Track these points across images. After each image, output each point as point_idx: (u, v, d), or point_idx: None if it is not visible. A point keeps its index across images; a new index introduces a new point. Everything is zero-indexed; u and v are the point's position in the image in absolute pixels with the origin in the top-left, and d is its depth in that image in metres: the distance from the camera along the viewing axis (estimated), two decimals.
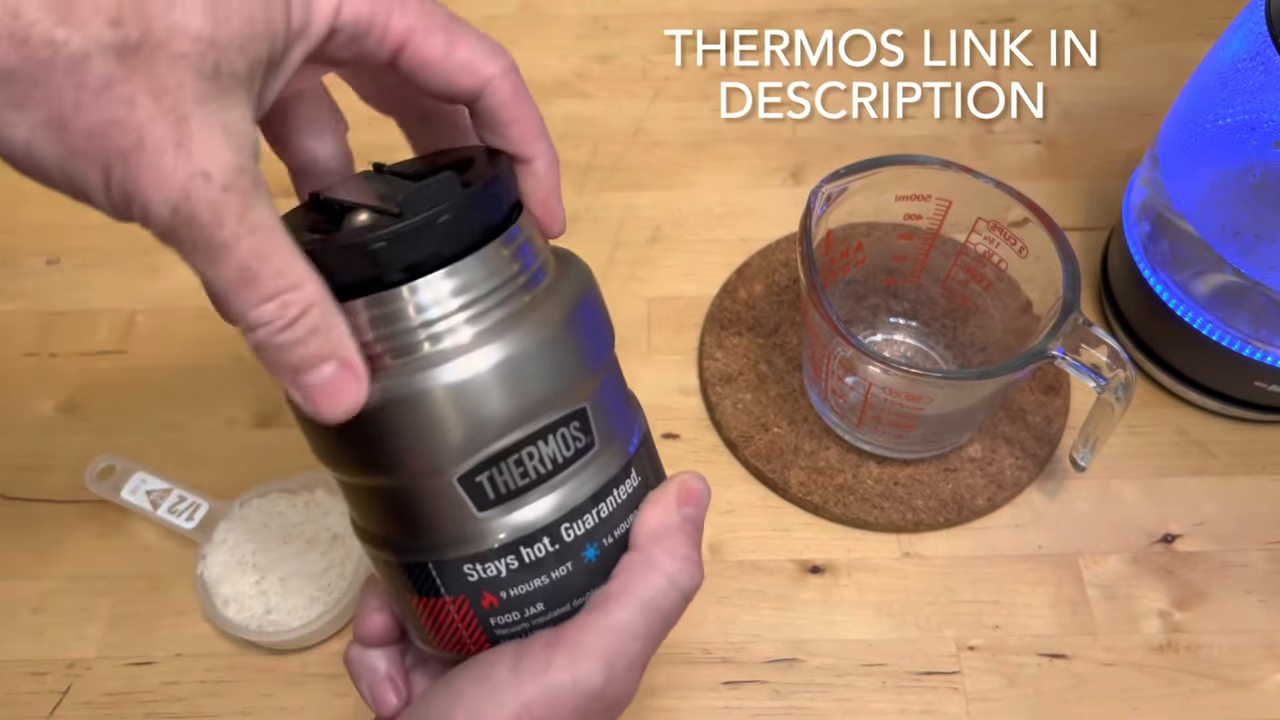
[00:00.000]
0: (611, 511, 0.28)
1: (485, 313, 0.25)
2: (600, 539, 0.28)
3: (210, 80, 0.22)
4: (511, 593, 0.27)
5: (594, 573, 0.28)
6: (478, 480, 0.26)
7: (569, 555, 0.27)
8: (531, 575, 0.27)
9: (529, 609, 0.27)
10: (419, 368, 0.25)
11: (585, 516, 0.27)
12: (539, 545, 0.27)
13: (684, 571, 0.28)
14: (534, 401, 0.26)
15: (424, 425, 0.25)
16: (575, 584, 0.27)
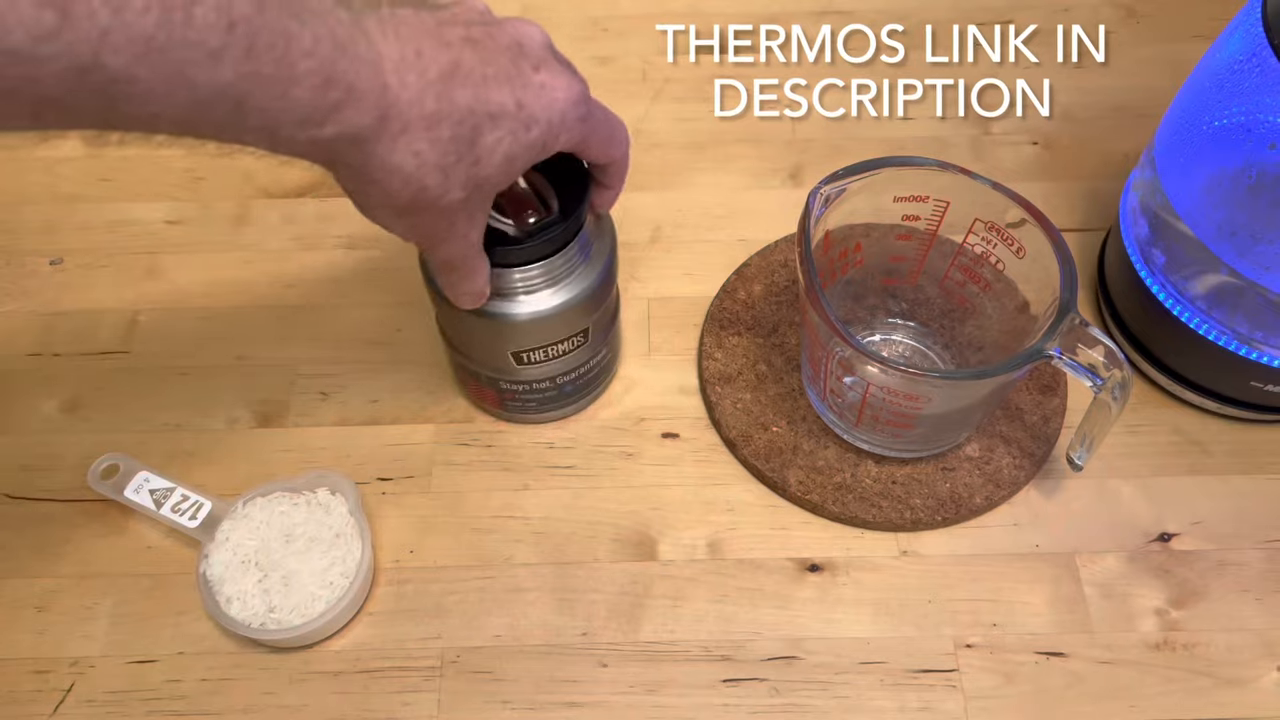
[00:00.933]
0: (586, 367, 0.50)
1: (554, 278, 0.44)
2: (574, 378, 0.50)
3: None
4: (518, 394, 0.49)
5: (568, 394, 0.50)
6: (520, 354, 0.46)
7: (554, 388, 0.49)
8: (533, 393, 0.49)
9: (528, 400, 0.50)
10: (507, 303, 0.44)
11: (571, 372, 0.49)
12: (543, 383, 0.49)
13: None
14: (560, 328, 0.45)
15: (503, 327, 0.45)
16: (553, 397, 0.50)
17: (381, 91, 0.32)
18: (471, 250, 0.39)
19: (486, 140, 0.34)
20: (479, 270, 0.41)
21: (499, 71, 0.34)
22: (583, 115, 0.37)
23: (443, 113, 0.33)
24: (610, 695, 0.45)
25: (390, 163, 0.33)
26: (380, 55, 0.32)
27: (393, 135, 0.32)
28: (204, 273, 0.57)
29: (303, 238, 0.59)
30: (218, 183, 0.61)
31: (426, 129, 0.33)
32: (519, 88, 0.35)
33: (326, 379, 0.54)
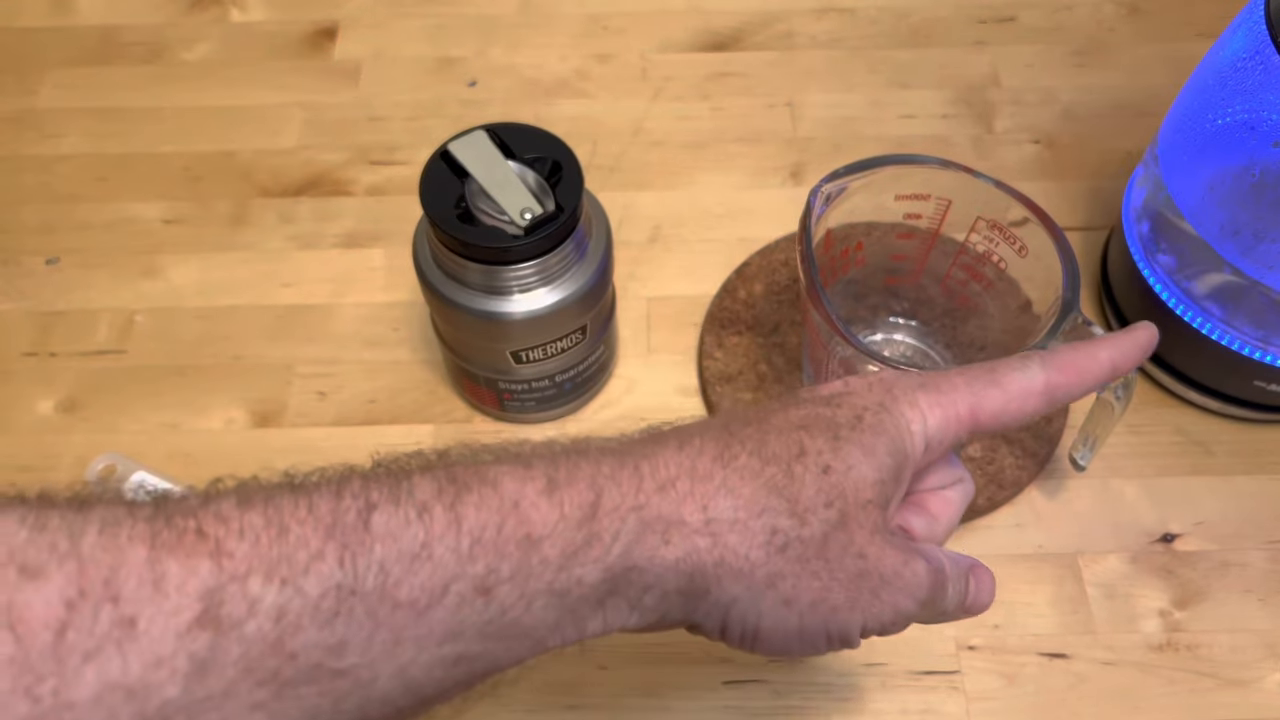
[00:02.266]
0: (585, 365, 0.50)
1: (549, 276, 0.44)
2: (573, 376, 0.50)
3: (882, 509, 0.28)
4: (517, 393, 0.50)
5: (567, 393, 0.50)
6: (518, 353, 0.46)
7: (553, 386, 0.49)
8: (532, 392, 0.49)
9: (527, 400, 0.50)
10: (504, 301, 0.44)
11: (570, 370, 0.49)
12: (542, 381, 0.49)
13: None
14: (558, 325, 0.45)
15: (500, 326, 0.44)
16: (553, 396, 0.50)
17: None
18: (928, 576, 0.29)
19: (816, 441, 0.28)
20: (943, 571, 0.31)
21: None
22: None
23: (731, 444, 0.27)
24: (610, 697, 0.44)
25: (713, 524, 0.26)
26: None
27: (686, 495, 0.26)
28: (202, 272, 0.57)
29: (301, 237, 0.58)
30: (215, 182, 0.61)
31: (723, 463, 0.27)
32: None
33: (324, 379, 0.53)
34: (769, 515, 0.26)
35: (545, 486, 0.25)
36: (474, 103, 0.64)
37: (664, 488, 0.26)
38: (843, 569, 0.27)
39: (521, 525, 0.24)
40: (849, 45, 0.67)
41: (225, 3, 0.69)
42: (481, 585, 0.23)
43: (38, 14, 0.68)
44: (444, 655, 0.23)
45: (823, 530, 0.27)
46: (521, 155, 0.43)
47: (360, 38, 0.67)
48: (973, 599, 0.32)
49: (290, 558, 0.22)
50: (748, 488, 0.26)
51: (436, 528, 0.23)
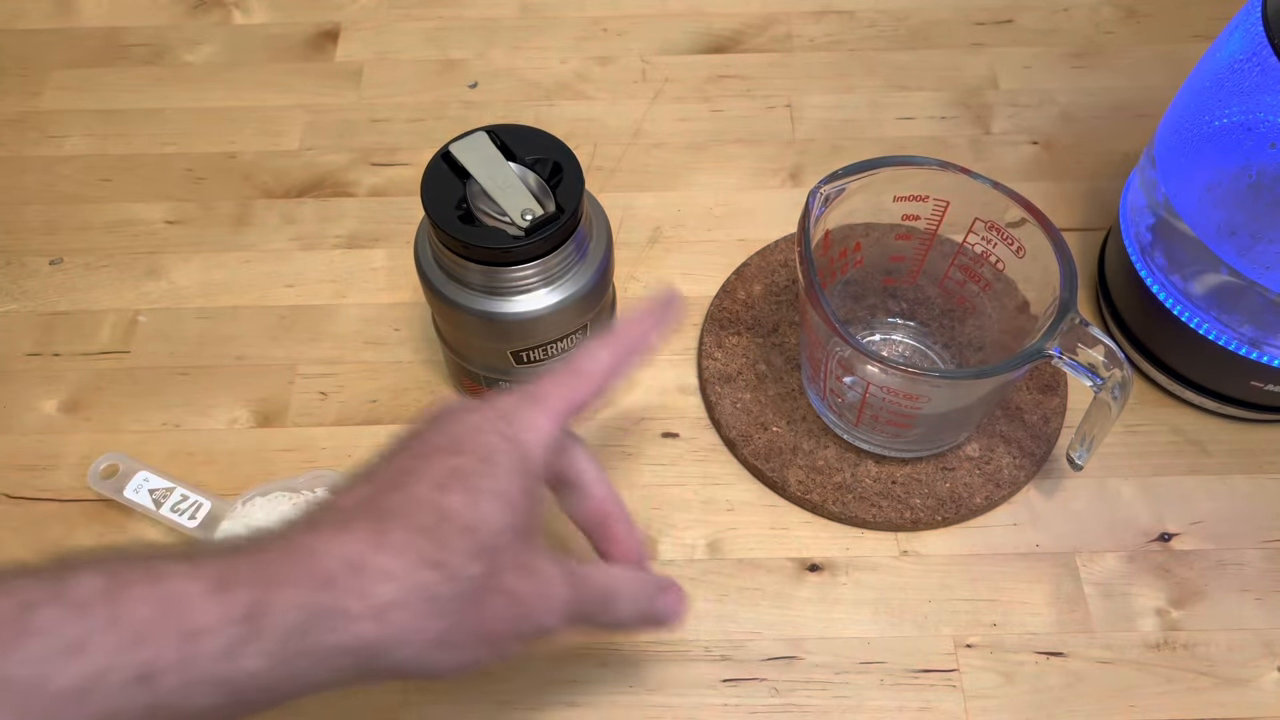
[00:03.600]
0: None
1: (550, 277, 0.44)
2: None
3: (525, 539, 0.33)
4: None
5: None
6: (519, 353, 0.46)
7: None
8: None
9: None
10: (505, 302, 0.44)
11: None
12: None
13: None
14: (560, 325, 0.45)
15: (502, 327, 0.44)
16: None
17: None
18: (566, 591, 0.34)
19: (455, 501, 0.31)
20: (605, 590, 0.36)
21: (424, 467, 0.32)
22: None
23: (382, 521, 0.30)
24: (610, 695, 0.45)
25: (376, 610, 0.29)
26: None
27: (347, 586, 0.29)
28: (204, 273, 0.57)
29: (302, 238, 0.59)
30: (218, 183, 0.61)
31: (379, 546, 0.30)
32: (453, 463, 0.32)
33: (326, 379, 0.54)
34: (425, 587, 0.29)
35: (212, 587, 0.27)
36: (475, 104, 0.64)
37: (326, 584, 0.28)
38: (495, 607, 0.31)
39: (184, 621, 0.26)
40: (848, 47, 0.67)
41: (228, 5, 0.69)
42: (141, 674, 0.26)
43: (41, 15, 0.69)
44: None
45: (474, 586, 0.30)
46: (522, 157, 0.43)
47: (362, 40, 0.67)
48: (659, 615, 0.37)
49: None
50: (402, 566, 0.29)
51: (95, 623, 0.26)
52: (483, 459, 0.32)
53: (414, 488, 0.31)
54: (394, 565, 0.29)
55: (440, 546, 0.30)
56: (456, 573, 0.30)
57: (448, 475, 0.31)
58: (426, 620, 0.29)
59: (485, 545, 0.31)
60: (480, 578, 0.31)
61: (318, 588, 0.28)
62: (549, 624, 0.33)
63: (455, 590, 0.30)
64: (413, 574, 0.29)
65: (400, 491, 0.31)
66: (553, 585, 0.33)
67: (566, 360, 0.37)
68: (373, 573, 0.29)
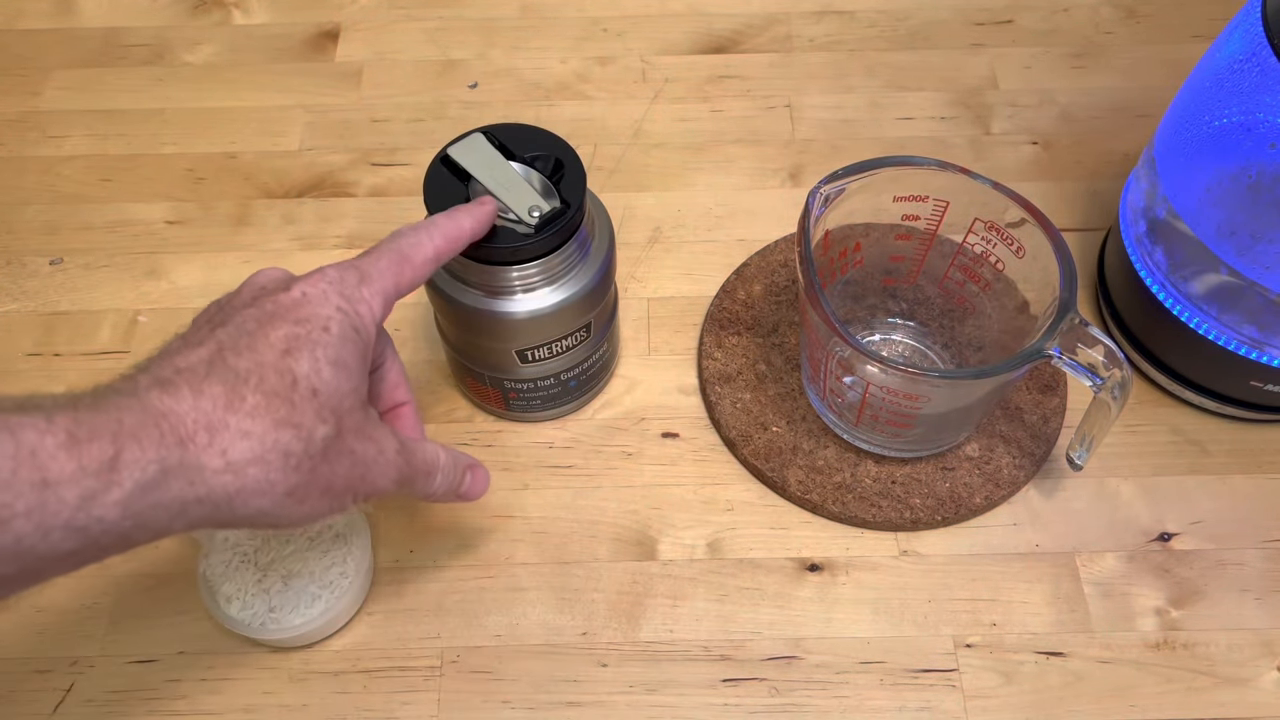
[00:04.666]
0: (589, 363, 0.50)
1: (553, 276, 0.44)
2: (578, 374, 0.50)
3: (363, 407, 0.35)
4: (523, 392, 0.50)
5: (572, 390, 0.51)
6: (523, 352, 0.47)
7: (558, 384, 0.50)
8: (538, 390, 0.50)
9: (532, 399, 0.50)
10: (509, 302, 0.44)
11: (575, 368, 0.49)
12: (547, 379, 0.49)
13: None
14: (564, 324, 0.46)
15: (506, 326, 0.45)
16: (558, 394, 0.50)
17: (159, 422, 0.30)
18: (398, 458, 0.36)
19: (302, 366, 0.33)
20: (427, 462, 0.38)
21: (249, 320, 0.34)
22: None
23: (237, 385, 0.31)
24: (610, 695, 0.45)
25: (233, 465, 0.31)
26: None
27: (205, 445, 0.31)
28: (205, 273, 0.57)
29: (303, 238, 0.59)
30: (218, 183, 0.61)
31: (234, 409, 0.31)
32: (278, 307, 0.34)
33: None
34: (281, 444, 0.32)
35: (65, 440, 0.28)
36: (475, 104, 0.64)
37: (184, 442, 0.30)
38: (340, 465, 0.34)
39: (37, 471, 0.28)
40: (848, 48, 0.67)
41: (228, 5, 0.69)
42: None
43: (41, 16, 0.69)
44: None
45: (323, 444, 0.33)
46: (521, 155, 0.43)
47: (362, 40, 0.67)
48: (465, 490, 0.41)
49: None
50: (259, 426, 0.31)
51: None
52: (322, 328, 0.34)
53: (261, 352, 0.32)
54: (251, 426, 0.31)
55: (292, 408, 0.32)
56: (309, 433, 0.32)
57: (290, 341, 0.33)
58: (280, 474, 0.32)
59: (332, 408, 0.33)
60: (329, 438, 0.33)
61: (176, 445, 0.30)
62: (382, 486, 0.36)
63: (307, 448, 0.32)
64: (269, 432, 0.31)
65: (246, 355, 0.32)
66: (387, 452, 0.36)
67: (394, 240, 0.38)
68: (232, 432, 0.31)
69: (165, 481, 0.30)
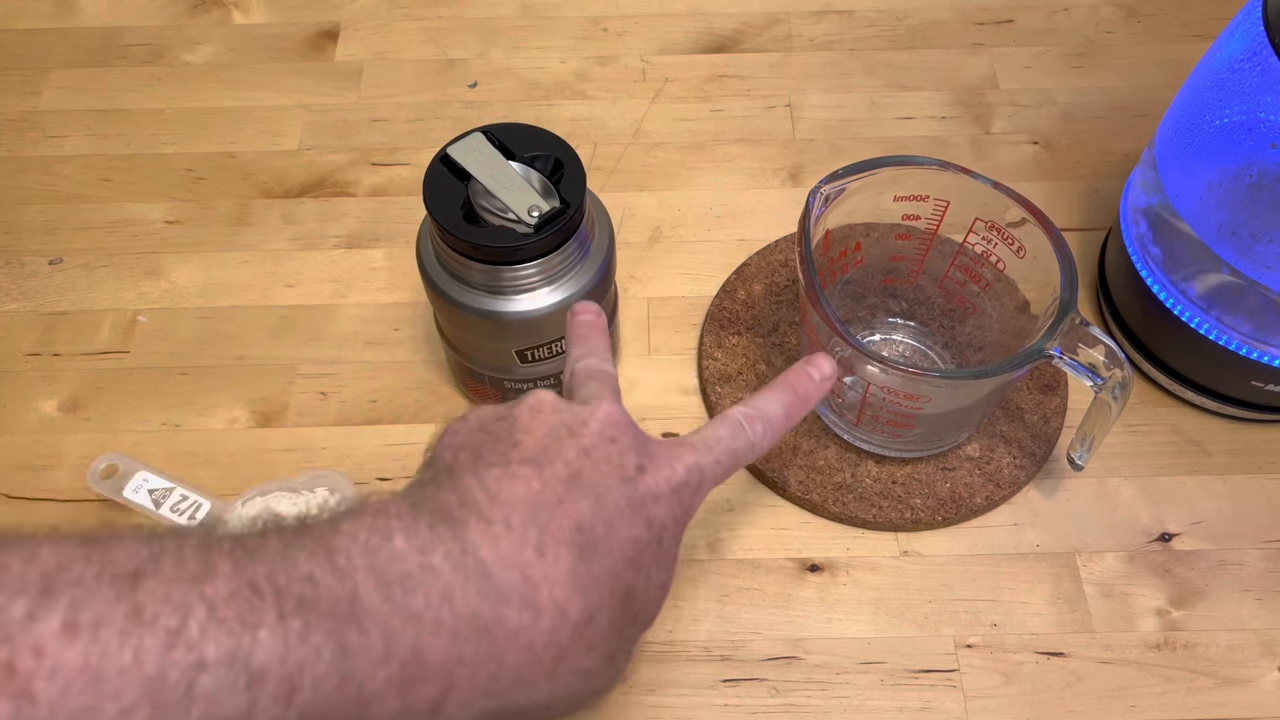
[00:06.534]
0: None
1: (553, 275, 0.44)
2: None
3: None
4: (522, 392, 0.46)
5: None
6: (523, 352, 0.47)
7: (558, 385, 0.49)
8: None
9: None
10: (509, 301, 0.44)
11: None
12: (547, 380, 0.49)
13: None
14: (561, 325, 0.43)
15: (506, 326, 0.45)
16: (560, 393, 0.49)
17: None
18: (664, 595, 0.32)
19: (639, 586, 0.29)
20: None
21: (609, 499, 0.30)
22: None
23: (592, 605, 0.28)
24: (610, 695, 0.45)
25: (554, 701, 0.28)
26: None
27: (541, 680, 0.27)
28: (204, 273, 0.57)
29: (302, 238, 0.59)
30: (217, 183, 0.61)
31: (582, 638, 0.28)
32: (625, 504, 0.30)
33: (326, 379, 0.53)
34: (598, 685, 0.29)
35: (398, 675, 0.24)
36: (475, 104, 0.64)
37: (520, 678, 0.27)
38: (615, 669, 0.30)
39: (362, 711, 0.24)
40: (847, 47, 0.67)
41: (227, 5, 0.69)
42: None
43: (40, 15, 0.69)
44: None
45: (616, 684, 0.30)
46: (521, 155, 0.43)
47: (362, 40, 0.67)
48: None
49: (95, 710, 0.20)
50: (596, 663, 0.28)
51: (263, 702, 0.22)
52: (658, 539, 0.30)
53: (614, 558, 0.28)
54: (589, 664, 0.28)
55: (620, 645, 0.29)
56: (618, 675, 0.30)
57: (637, 550, 0.29)
58: (570, 707, 0.29)
59: (641, 637, 0.30)
60: (620, 678, 0.30)
61: (511, 682, 0.26)
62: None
63: (607, 690, 0.29)
64: (599, 675, 0.29)
65: (603, 557, 0.28)
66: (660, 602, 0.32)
67: (738, 435, 0.34)
68: (570, 671, 0.28)
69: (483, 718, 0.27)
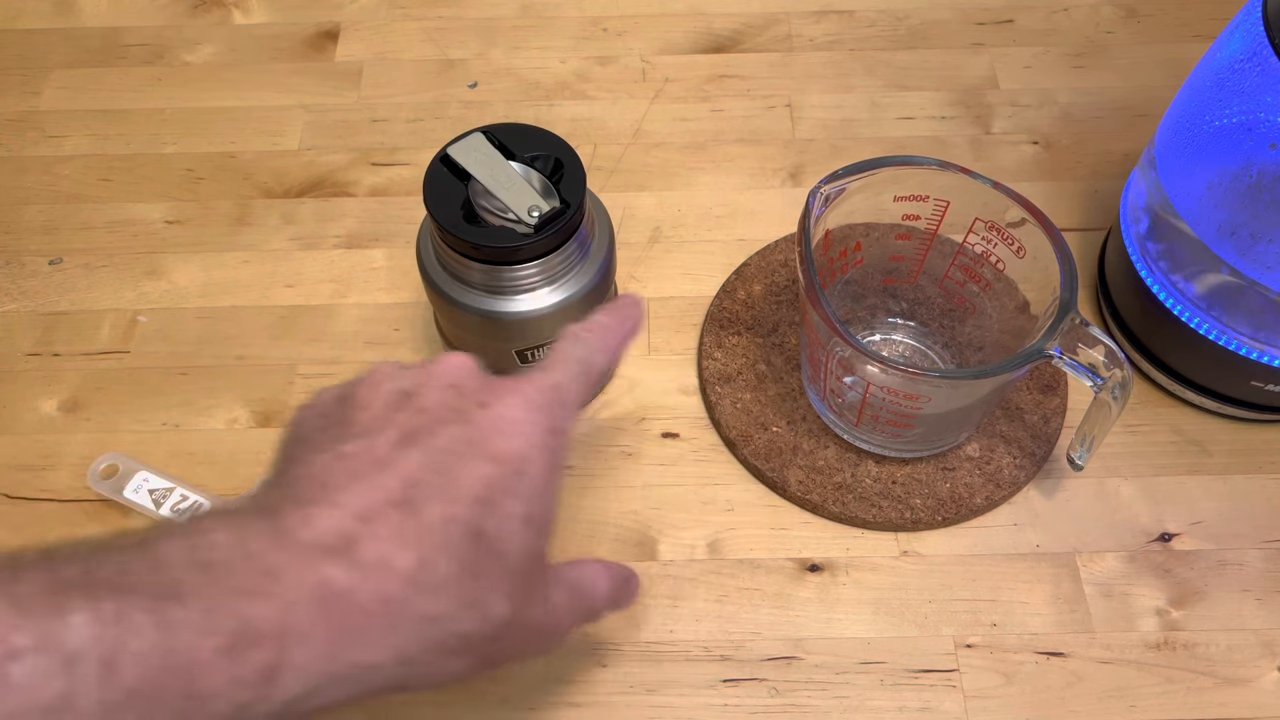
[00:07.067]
0: None
1: (553, 275, 0.44)
2: None
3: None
4: None
5: None
6: (523, 352, 0.47)
7: None
8: None
9: None
10: (509, 301, 0.44)
11: None
12: None
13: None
14: (561, 325, 0.41)
15: (506, 326, 0.45)
16: None
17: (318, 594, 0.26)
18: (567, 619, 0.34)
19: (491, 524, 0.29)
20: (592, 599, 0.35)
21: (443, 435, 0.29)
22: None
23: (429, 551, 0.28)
24: (610, 695, 0.45)
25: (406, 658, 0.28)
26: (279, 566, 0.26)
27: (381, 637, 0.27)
28: (204, 273, 0.57)
29: (302, 238, 0.59)
30: (217, 183, 0.61)
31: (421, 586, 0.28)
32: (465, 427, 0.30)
33: (326, 379, 0.53)
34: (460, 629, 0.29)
35: (226, 644, 0.24)
36: (475, 104, 0.64)
37: (357, 636, 0.26)
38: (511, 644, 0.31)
39: (187, 683, 0.24)
40: (848, 47, 0.67)
41: (227, 5, 0.69)
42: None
43: (40, 15, 0.69)
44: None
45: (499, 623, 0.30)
46: (521, 155, 0.43)
47: (362, 40, 0.67)
48: (625, 605, 0.38)
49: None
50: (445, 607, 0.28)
51: (84, 683, 0.22)
52: (517, 470, 0.29)
53: (455, 501, 0.28)
54: (436, 609, 0.28)
55: (478, 584, 0.28)
56: (488, 614, 0.29)
57: (486, 487, 0.29)
58: (450, 660, 0.29)
59: (514, 579, 0.30)
60: (506, 617, 0.29)
61: (349, 642, 0.26)
62: (551, 649, 0.33)
63: (482, 631, 0.29)
64: (452, 618, 0.28)
65: (440, 503, 0.28)
66: (561, 617, 0.33)
67: (575, 348, 0.34)
68: (412, 621, 0.27)
69: (328, 688, 0.26)
